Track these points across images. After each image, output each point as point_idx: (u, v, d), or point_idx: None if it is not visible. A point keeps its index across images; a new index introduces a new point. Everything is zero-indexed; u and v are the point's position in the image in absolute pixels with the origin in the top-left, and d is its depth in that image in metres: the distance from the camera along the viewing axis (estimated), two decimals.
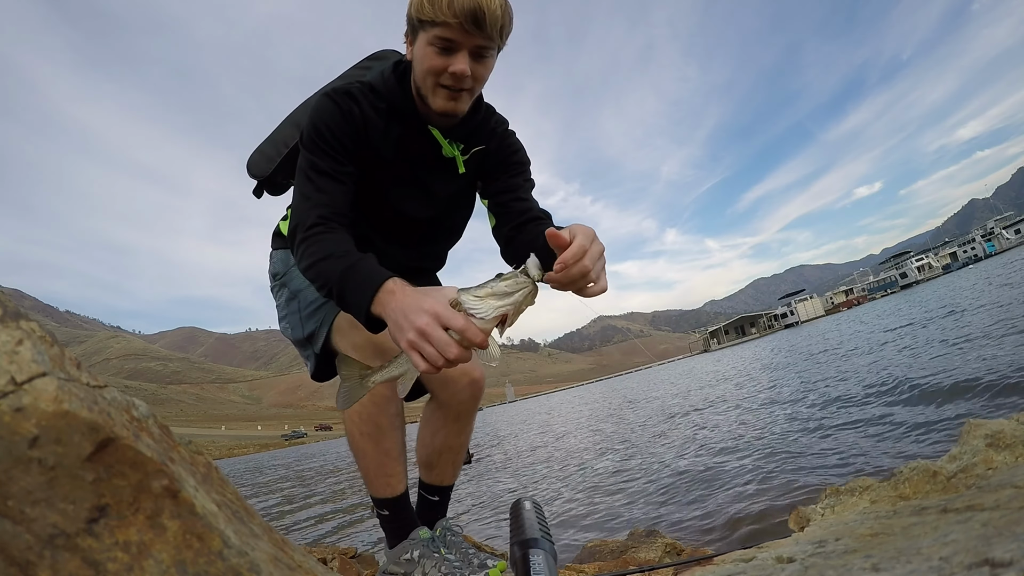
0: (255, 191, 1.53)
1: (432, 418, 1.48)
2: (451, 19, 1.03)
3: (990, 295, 10.82)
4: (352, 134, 1.18)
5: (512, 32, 1.17)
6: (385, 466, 1.28)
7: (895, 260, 77.99)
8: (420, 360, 0.81)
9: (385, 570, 1.36)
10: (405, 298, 0.86)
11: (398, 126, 1.23)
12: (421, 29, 1.09)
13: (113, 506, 0.41)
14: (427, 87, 1.14)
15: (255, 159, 1.49)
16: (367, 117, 1.20)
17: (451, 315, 0.80)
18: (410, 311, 0.82)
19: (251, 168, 1.49)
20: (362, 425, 1.23)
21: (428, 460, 1.50)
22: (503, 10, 1.08)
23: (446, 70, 1.09)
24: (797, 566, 0.70)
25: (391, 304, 0.88)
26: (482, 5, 1.02)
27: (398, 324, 0.85)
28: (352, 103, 1.19)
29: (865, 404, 4.38)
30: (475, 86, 1.15)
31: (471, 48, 1.08)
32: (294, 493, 8.81)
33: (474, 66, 1.10)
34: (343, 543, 3.66)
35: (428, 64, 1.10)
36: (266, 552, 0.52)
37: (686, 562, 1.57)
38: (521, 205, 1.32)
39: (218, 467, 0.59)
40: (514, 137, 1.41)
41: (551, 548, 1.01)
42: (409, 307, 0.83)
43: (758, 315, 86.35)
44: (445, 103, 1.14)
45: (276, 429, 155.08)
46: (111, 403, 0.44)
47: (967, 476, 1.01)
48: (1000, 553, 0.47)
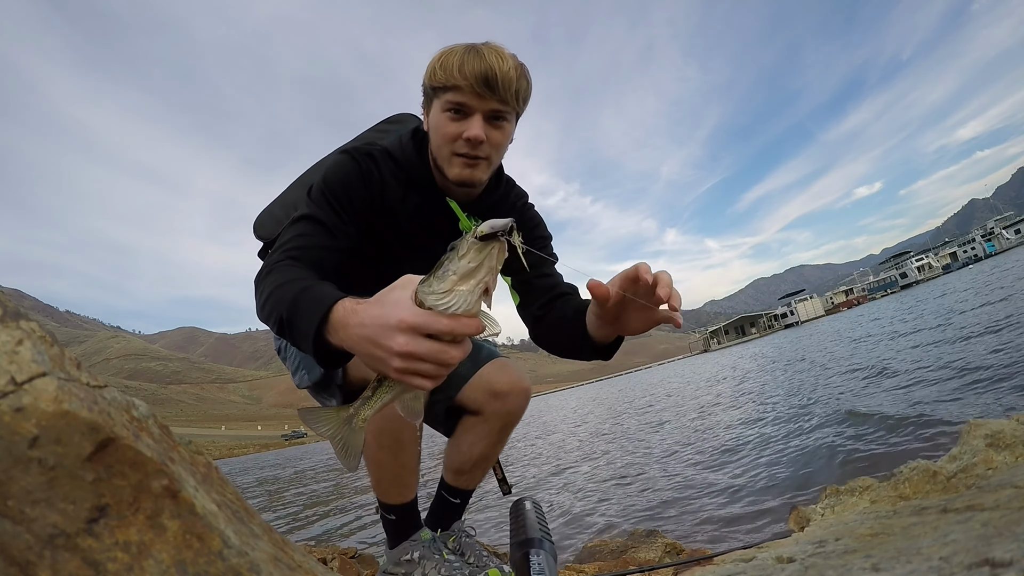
0: (260, 253, 1.45)
1: (474, 429, 1.43)
2: (462, 82, 1.01)
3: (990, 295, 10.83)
4: (367, 197, 1.13)
5: (531, 96, 1.13)
6: (401, 477, 1.26)
7: (895, 260, 78.03)
8: (422, 381, 0.68)
9: (385, 570, 1.36)
10: (364, 319, 0.69)
11: (416, 196, 1.19)
12: (435, 97, 1.08)
13: (113, 506, 0.41)
14: (443, 156, 1.11)
15: (263, 220, 1.42)
16: (386, 182, 1.15)
17: (430, 320, 0.64)
18: (378, 334, 0.66)
19: (258, 229, 1.42)
20: (381, 438, 1.19)
21: (460, 467, 1.46)
22: (517, 72, 1.06)
23: (460, 136, 1.06)
24: (797, 566, 0.70)
25: (349, 330, 0.71)
26: (494, 67, 1.01)
27: (371, 355, 0.69)
28: (372, 165, 1.14)
29: (865, 404, 4.38)
30: (492, 153, 1.11)
31: (485, 112, 1.06)
32: (294, 493, 8.82)
33: (489, 131, 1.07)
34: (343, 543, 3.66)
35: (443, 131, 1.08)
36: (266, 552, 0.52)
37: (686, 562, 1.57)
38: (546, 282, 1.27)
39: (218, 467, 0.59)
40: (534, 211, 1.38)
41: (551, 548, 1.01)
42: (374, 330, 0.67)
43: (758, 315, 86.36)
44: (461, 171, 1.10)
45: (276, 429, 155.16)
46: (111, 403, 0.44)
47: (967, 476, 1.01)
48: (1000, 553, 0.47)
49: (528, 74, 1.10)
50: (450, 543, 1.48)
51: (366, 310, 0.70)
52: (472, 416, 1.43)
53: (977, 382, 3.89)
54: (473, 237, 0.62)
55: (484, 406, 1.40)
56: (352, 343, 0.71)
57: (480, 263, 0.63)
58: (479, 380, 1.40)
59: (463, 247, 0.63)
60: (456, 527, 1.51)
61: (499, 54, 1.03)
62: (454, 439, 1.47)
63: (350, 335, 0.71)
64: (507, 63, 1.03)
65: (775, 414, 5.29)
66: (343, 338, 0.73)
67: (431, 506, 1.56)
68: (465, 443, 1.44)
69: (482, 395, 1.39)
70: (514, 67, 1.05)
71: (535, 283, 1.28)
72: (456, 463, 1.46)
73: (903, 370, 5.43)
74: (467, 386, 1.40)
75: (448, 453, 1.49)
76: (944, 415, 3.31)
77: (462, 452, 1.44)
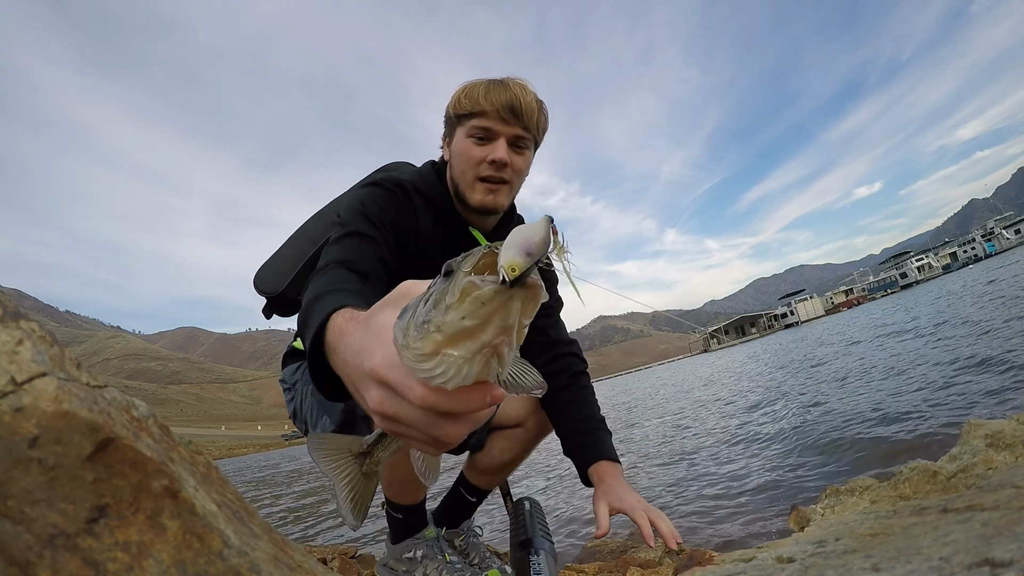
0: (264, 310, 1.40)
1: (510, 437, 1.42)
2: (488, 108, 1.07)
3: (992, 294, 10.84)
4: (404, 223, 1.12)
5: (548, 129, 1.19)
6: (415, 480, 1.24)
7: (895, 260, 78.03)
8: (420, 446, 0.45)
9: (385, 563, 1.35)
10: (346, 353, 0.50)
11: (441, 228, 1.20)
12: (459, 124, 1.12)
13: (113, 506, 0.41)
14: (467, 181, 1.13)
15: (264, 274, 1.39)
16: (418, 211, 1.16)
17: (401, 385, 0.39)
18: (354, 377, 0.48)
19: (260, 283, 1.38)
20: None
21: (486, 468, 1.46)
22: (538, 104, 1.12)
23: (486, 159, 1.10)
24: (797, 566, 0.70)
25: (336, 361, 0.54)
26: (518, 96, 1.07)
27: (358, 396, 0.49)
28: (405, 194, 1.15)
29: (865, 403, 4.38)
30: (514, 179, 1.15)
31: (509, 137, 1.10)
32: (294, 493, 8.82)
33: (513, 156, 1.11)
34: (343, 543, 3.66)
35: (468, 155, 1.11)
36: (266, 552, 0.52)
37: (686, 562, 1.57)
38: (546, 340, 1.29)
39: (218, 467, 0.59)
40: (552, 272, 1.38)
41: (551, 548, 1.01)
42: (351, 371, 0.49)
43: (758, 315, 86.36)
44: (484, 197, 1.13)
45: (276, 429, 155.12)
46: (111, 403, 0.44)
47: (967, 476, 1.01)
48: (1000, 553, 0.47)
49: (546, 109, 1.16)
50: (458, 542, 1.48)
51: (350, 338, 0.51)
52: (510, 429, 1.42)
53: (977, 382, 3.89)
54: (470, 272, 0.35)
55: (527, 419, 1.39)
56: (343, 372, 0.52)
57: (486, 319, 0.34)
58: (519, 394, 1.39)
59: (454, 288, 0.34)
60: (465, 526, 1.51)
61: (522, 87, 1.10)
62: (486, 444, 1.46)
63: (338, 367, 0.53)
64: (529, 95, 1.10)
65: (775, 414, 5.29)
66: (337, 367, 0.54)
67: (444, 500, 1.55)
68: (497, 448, 1.43)
69: (524, 408, 1.38)
70: (535, 99, 1.11)
71: (535, 339, 1.28)
72: (483, 464, 1.46)
73: (903, 370, 5.43)
74: (504, 402, 1.39)
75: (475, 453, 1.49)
76: (944, 415, 3.31)
77: (492, 456, 1.44)
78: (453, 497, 1.52)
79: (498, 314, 0.34)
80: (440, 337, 0.35)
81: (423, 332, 0.36)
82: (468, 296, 0.33)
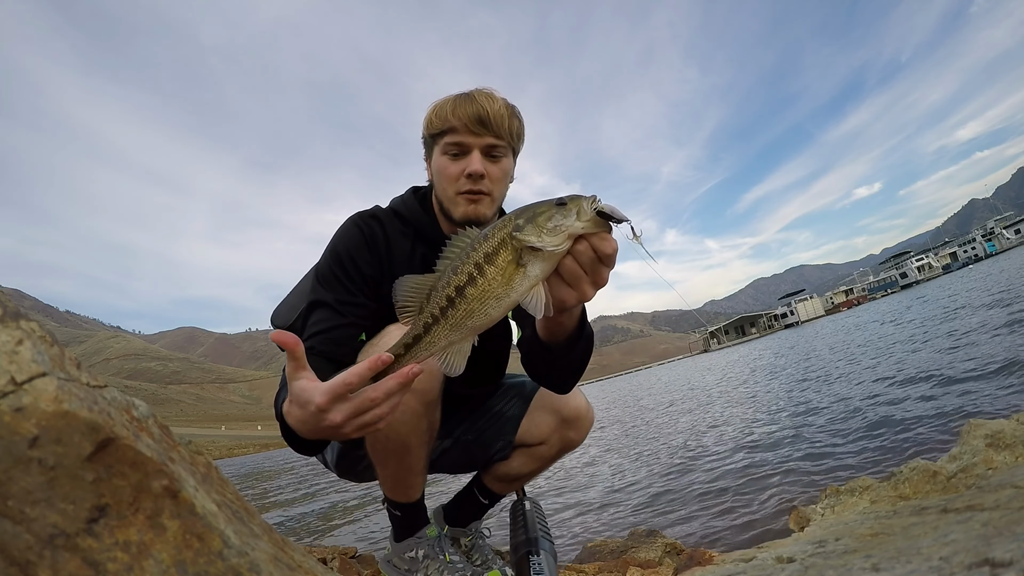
0: None
1: (532, 452, 1.44)
2: (457, 123, 1.10)
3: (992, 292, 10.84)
4: (375, 262, 1.18)
5: (524, 132, 1.21)
6: (406, 479, 1.26)
7: (895, 260, 78.05)
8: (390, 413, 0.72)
9: (389, 560, 1.37)
10: (296, 423, 0.75)
11: (423, 246, 1.23)
12: (434, 143, 1.16)
13: (113, 506, 0.41)
14: (448, 197, 1.16)
15: (280, 311, 1.44)
16: (392, 240, 1.20)
17: (335, 387, 0.68)
18: (313, 426, 0.72)
19: (276, 320, 1.44)
20: (388, 442, 1.18)
21: (504, 475, 1.47)
22: (508, 110, 1.14)
23: (462, 173, 1.12)
24: (797, 566, 0.70)
25: (297, 423, 0.76)
26: (484, 106, 1.10)
27: (332, 438, 0.77)
28: (377, 226, 1.20)
29: (864, 403, 4.38)
30: (494, 188, 1.17)
31: (482, 148, 1.13)
32: (293, 492, 8.82)
33: (489, 166, 1.14)
34: (343, 543, 3.66)
35: (445, 172, 1.14)
36: (266, 552, 0.52)
37: (686, 562, 1.57)
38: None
39: (218, 467, 0.59)
40: None
41: (551, 548, 1.01)
42: (309, 426, 0.73)
43: (758, 315, 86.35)
44: (466, 209, 1.15)
45: (276, 429, 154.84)
46: (111, 403, 0.44)
47: (967, 476, 1.01)
48: (1000, 553, 0.47)
49: (519, 113, 1.19)
50: (465, 541, 1.48)
51: (290, 412, 0.75)
52: (535, 446, 1.44)
53: (977, 382, 3.89)
54: (584, 206, 0.69)
55: (550, 436, 1.41)
56: (311, 432, 0.75)
57: (564, 232, 0.69)
58: (543, 411, 1.41)
59: (587, 207, 0.69)
60: (473, 526, 1.51)
61: (488, 96, 1.13)
62: None
63: (305, 432, 0.76)
64: (496, 103, 1.12)
65: (774, 414, 5.29)
66: (305, 433, 0.77)
67: (456, 497, 1.56)
68: (517, 461, 1.45)
69: (547, 426, 1.39)
70: (504, 106, 1.14)
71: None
72: (500, 471, 1.47)
73: (903, 369, 5.43)
74: (527, 421, 1.41)
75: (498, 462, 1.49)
76: (944, 415, 3.31)
77: (511, 467, 1.45)
78: (466, 496, 1.53)
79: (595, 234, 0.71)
80: (569, 232, 0.70)
81: (556, 232, 0.69)
82: (586, 219, 0.69)
